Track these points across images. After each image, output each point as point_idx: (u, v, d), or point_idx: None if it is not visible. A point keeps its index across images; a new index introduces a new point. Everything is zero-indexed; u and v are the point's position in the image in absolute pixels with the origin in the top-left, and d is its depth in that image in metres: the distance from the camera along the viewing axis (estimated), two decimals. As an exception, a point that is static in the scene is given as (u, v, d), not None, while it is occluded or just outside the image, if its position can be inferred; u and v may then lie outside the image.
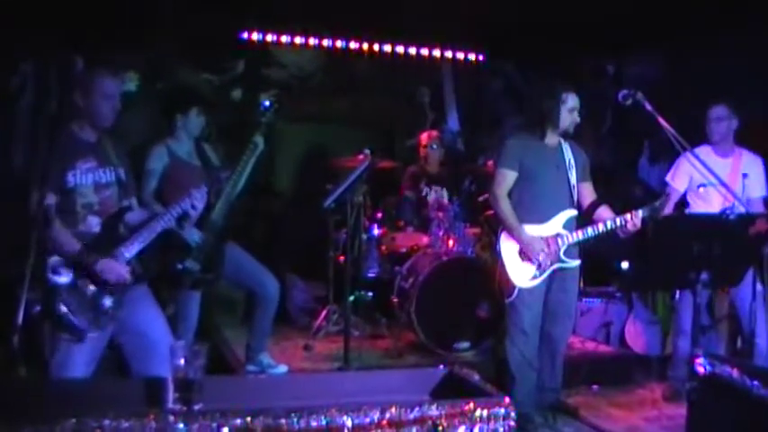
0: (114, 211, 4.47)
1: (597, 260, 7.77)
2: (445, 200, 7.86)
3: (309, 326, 8.09)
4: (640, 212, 5.61)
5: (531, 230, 5.78)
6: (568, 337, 6.32)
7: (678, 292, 6.20)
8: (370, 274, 8.00)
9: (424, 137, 8.69)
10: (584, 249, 6.02)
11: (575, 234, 5.82)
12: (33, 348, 3.92)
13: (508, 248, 5.82)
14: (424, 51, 10.28)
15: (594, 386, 6.99)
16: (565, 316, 6.03)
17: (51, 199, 4.19)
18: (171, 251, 5.49)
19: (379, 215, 8.24)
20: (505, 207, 5.82)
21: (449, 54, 10.45)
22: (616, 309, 8.17)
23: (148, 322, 4.52)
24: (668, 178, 6.60)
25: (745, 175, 6.30)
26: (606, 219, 5.81)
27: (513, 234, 5.80)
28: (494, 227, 7.44)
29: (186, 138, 6.24)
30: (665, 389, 6.80)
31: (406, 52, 10.18)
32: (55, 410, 2.41)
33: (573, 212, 5.90)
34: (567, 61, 9.13)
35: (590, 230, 5.81)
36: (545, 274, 5.80)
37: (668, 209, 6.16)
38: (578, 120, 5.84)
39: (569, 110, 5.80)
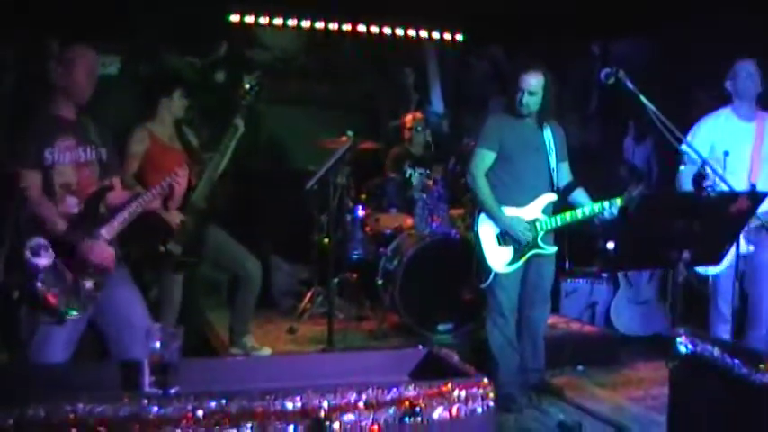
0: (95, 191, 4.41)
1: (583, 240, 7.77)
2: (429, 181, 7.83)
3: (294, 308, 8.11)
4: (618, 201, 5.61)
5: (511, 213, 5.76)
6: (547, 319, 6.31)
7: (711, 277, 6.05)
8: (355, 256, 8.00)
9: (408, 118, 8.67)
10: (569, 229, 6.00)
11: (553, 220, 5.80)
12: (11, 332, 3.89)
13: (486, 231, 5.79)
14: (409, 32, 10.24)
15: (579, 366, 6.98)
16: (542, 300, 6.04)
17: (29, 178, 4.15)
18: (153, 234, 5.47)
19: (363, 196, 8.21)
20: (484, 188, 5.77)
21: (433, 35, 10.42)
22: (601, 289, 8.18)
23: (127, 305, 4.48)
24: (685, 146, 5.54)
25: None
26: (582, 205, 5.81)
27: (491, 216, 5.77)
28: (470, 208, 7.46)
29: (168, 120, 6.20)
30: None
31: (389, 33, 10.15)
32: (29, 394, 2.39)
33: (552, 197, 5.88)
34: (551, 42, 9.10)
35: (568, 216, 5.79)
36: (522, 260, 5.79)
37: (685, 183, 5.93)
38: (540, 101, 5.75)
39: (530, 93, 5.70)
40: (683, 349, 3.49)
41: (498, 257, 5.77)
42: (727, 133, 5.91)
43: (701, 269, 5.82)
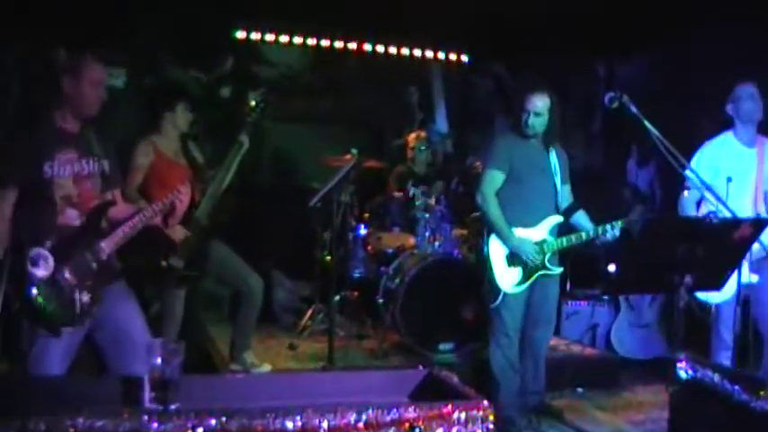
0: (97, 205, 4.41)
1: (585, 262, 7.77)
2: (432, 201, 7.84)
3: (294, 325, 8.11)
4: (620, 223, 5.61)
5: (520, 234, 5.76)
6: (549, 340, 6.31)
7: (715, 305, 6.02)
8: (356, 274, 8.01)
9: (411, 137, 8.69)
10: (572, 251, 6.01)
11: (559, 241, 5.81)
12: (13, 343, 3.89)
13: (496, 252, 5.79)
14: (414, 51, 10.29)
15: (579, 389, 6.97)
16: (546, 321, 6.03)
17: (12, 193, 4.15)
18: (155, 248, 5.47)
19: (366, 215, 8.22)
20: (494, 209, 5.77)
21: (438, 55, 10.46)
22: (603, 311, 8.18)
23: (126, 319, 4.46)
24: (688, 172, 5.50)
25: None
26: (584, 226, 5.83)
27: (501, 237, 5.78)
28: (480, 228, 7.44)
29: (173, 134, 6.21)
30: None
31: (394, 52, 10.19)
32: (29, 407, 2.39)
33: (558, 219, 5.89)
34: (555, 62, 9.13)
35: (573, 238, 5.80)
36: (530, 281, 5.79)
37: (688, 208, 5.99)
38: (546, 122, 5.77)
39: (536, 114, 5.73)
40: (683, 374, 3.50)
41: (507, 278, 5.77)
42: (730, 159, 5.89)
43: (703, 297, 5.80)
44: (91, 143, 4.46)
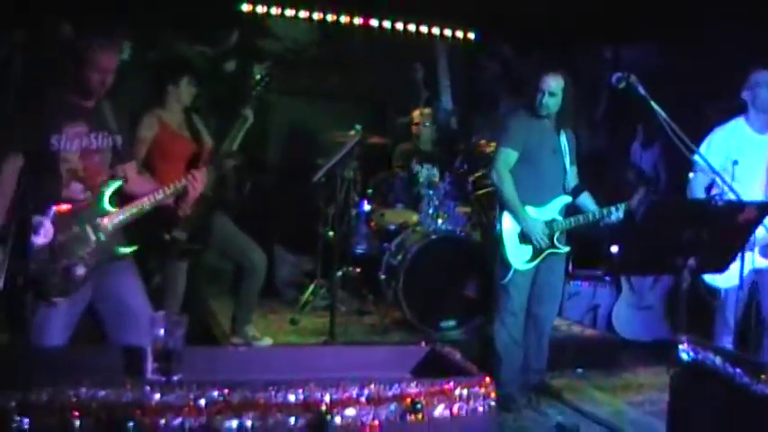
0: (105, 181, 4.39)
1: (587, 243, 7.76)
2: (436, 178, 7.83)
3: (296, 300, 8.11)
4: (623, 206, 5.62)
5: (530, 213, 5.82)
6: (554, 318, 6.34)
7: (724, 290, 5.98)
8: (359, 250, 8.01)
9: (416, 114, 8.66)
10: (573, 232, 6.02)
11: (567, 221, 5.84)
12: (16, 314, 3.89)
13: (508, 229, 5.82)
14: (420, 28, 10.25)
15: (579, 369, 6.99)
16: (552, 297, 6.08)
17: (15, 160, 4.12)
18: (158, 221, 5.45)
19: (370, 191, 8.21)
20: (509, 187, 5.81)
21: (445, 32, 10.42)
22: (604, 292, 8.19)
23: (128, 291, 4.46)
24: (697, 156, 5.42)
25: None
26: (589, 208, 5.88)
27: (515, 215, 5.80)
28: (485, 206, 7.44)
29: (177, 108, 6.20)
30: None
31: (400, 28, 10.15)
32: (32, 378, 2.39)
33: (567, 199, 5.95)
34: (563, 44, 9.10)
35: (581, 218, 5.85)
36: (539, 258, 5.83)
37: (696, 191, 5.88)
38: (560, 102, 5.80)
39: (550, 94, 5.75)
40: (684, 356, 3.49)
41: (518, 255, 5.81)
42: (741, 144, 5.83)
43: (712, 281, 5.78)
44: (105, 117, 4.42)
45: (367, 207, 8.07)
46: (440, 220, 7.62)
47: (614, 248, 7.97)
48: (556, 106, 5.80)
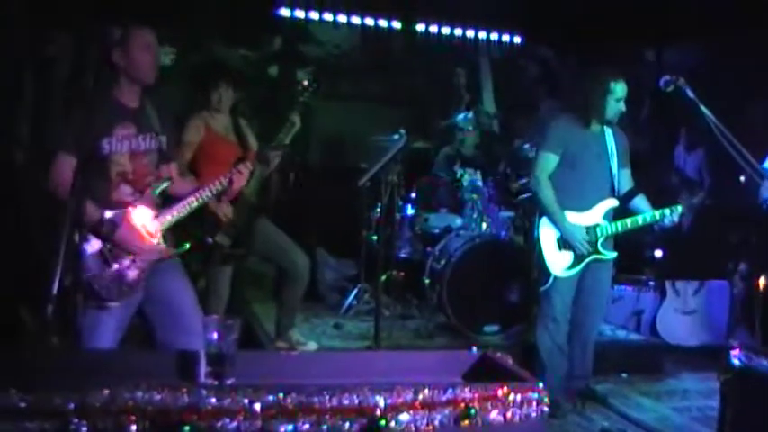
0: (153, 183, 4.42)
1: (630, 248, 7.71)
2: (479, 182, 7.82)
3: (339, 304, 8.12)
4: (679, 208, 5.57)
5: (572, 218, 5.75)
6: (599, 326, 6.30)
7: None
8: (402, 254, 8.00)
9: (459, 118, 8.65)
10: (616, 237, 5.97)
11: (613, 225, 5.78)
12: (67, 318, 3.92)
13: (547, 235, 5.78)
14: (462, 32, 10.25)
15: (624, 374, 6.95)
16: (597, 306, 6.02)
17: (68, 160, 4.11)
18: (202, 225, 5.49)
19: (414, 195, 8.21)
20: (548, 192, 5.76)
21: (487, 36, 10.42)
22: (648, 297, 8.11)
23: (176, 293, 4.48)
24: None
25: None
26: (643, 211, 5.80)
27: (553, 221, 5.76)
28: (527, 210, 7.42)
29: (223, 112, 6.23)
30: None
31: (442, 32, 10.16)
32: (86, 381, 2.40)
33: (614, 203, 5.86)
34: (605, 46, 9.06)
35: (628, 222, 5.78)
36: (581, 264, 5.78)
37: None
38: (623, 109, 5.76)
39: (616, 99, 5.71)
40: (736, 362, 3.46)
41: (558, 261, 5.76)
42: None
43: None
44: (150, 118, 4.45)
45: (411, 211, 8.05)
46: (483, 225, 7.63)
47: (658, 253, 7.92)
48: (620, 112, 5.78)
